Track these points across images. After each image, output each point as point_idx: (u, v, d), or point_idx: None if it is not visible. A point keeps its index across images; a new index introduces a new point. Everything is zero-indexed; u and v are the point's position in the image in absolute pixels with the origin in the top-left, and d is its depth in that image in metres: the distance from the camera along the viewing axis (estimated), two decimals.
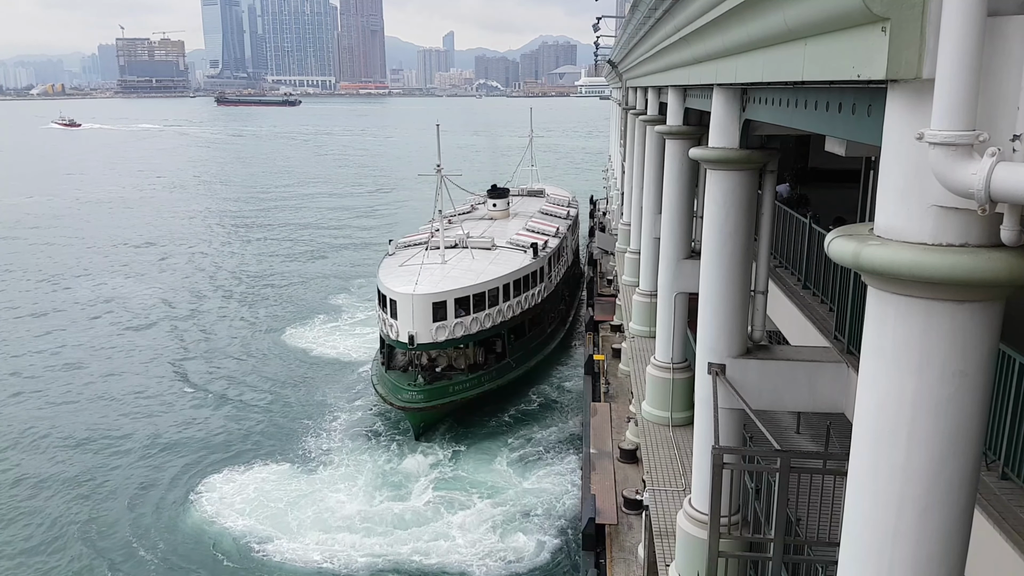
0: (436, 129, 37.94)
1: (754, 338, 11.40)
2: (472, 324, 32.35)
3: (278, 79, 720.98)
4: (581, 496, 23.31)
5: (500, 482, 28.54)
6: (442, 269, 34.09)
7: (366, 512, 26.54)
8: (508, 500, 27.17)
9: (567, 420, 33.68)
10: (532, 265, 36.47)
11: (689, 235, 18.79)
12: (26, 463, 30.58)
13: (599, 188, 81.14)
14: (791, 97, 7.91)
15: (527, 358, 35.93)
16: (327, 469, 29.62)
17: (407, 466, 29.59)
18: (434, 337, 31.33)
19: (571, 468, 29.07)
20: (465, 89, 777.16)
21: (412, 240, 40.00)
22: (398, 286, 31.72)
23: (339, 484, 28.50)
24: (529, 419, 33.72)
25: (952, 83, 4.07)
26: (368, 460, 30.21)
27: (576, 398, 35.29)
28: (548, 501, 27.01)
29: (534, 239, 38.96)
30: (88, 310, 51.46)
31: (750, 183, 10.86)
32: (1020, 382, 7.01)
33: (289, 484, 28.45)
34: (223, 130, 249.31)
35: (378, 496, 27.59)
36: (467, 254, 36.39)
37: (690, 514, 12.31)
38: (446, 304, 31.39)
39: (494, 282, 33.61)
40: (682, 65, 13.60)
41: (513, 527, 25.55)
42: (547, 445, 31.34)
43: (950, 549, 5.09)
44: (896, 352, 4.90)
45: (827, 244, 5.23)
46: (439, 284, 32.10)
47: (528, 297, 36.02)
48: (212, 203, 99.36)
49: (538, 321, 37.75)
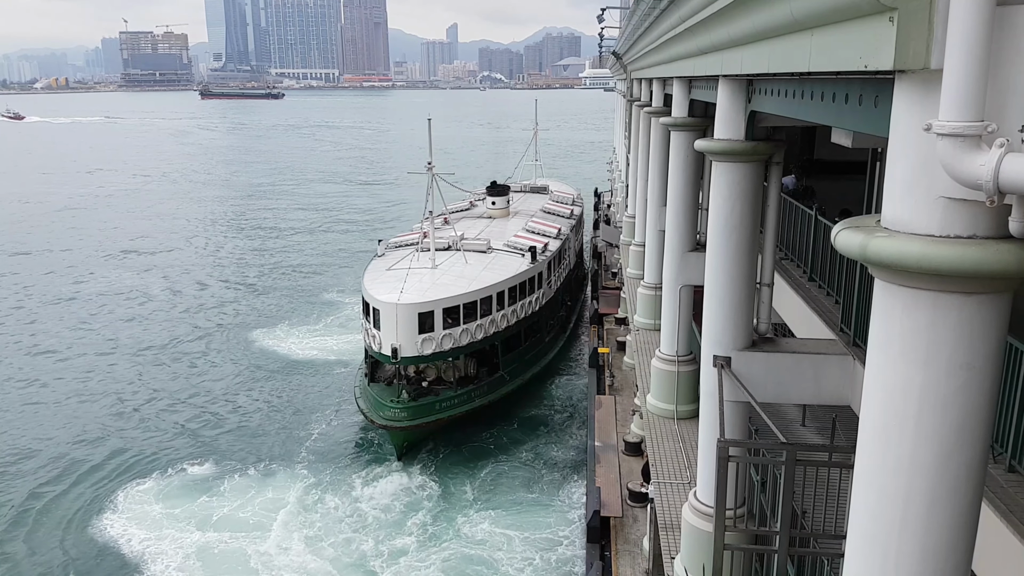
0: (428, 124, 35.71)
1: (759, 331, 11.37)
2: (462, 336, 30.09)
3: (281, 72, 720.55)
4: (586, 489, 23.30)
5: (490, 515, 25.69)
6: (431, 275, 31.82)
7: (321, 555, 23.55)
8: (498, 538, 24.42)
9: (565, 440, 30.91)
10: (530, 271, 34.20)
11: (694, 227, 18.74)
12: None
13: (603, 182, 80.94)
14: (797, 88, 7.87)
15: (523, 370, 33.64)
16: (277, 495, 26.60)
17: (381, 493, 26.79)
18: (420, 350, 28.98)
19: (571, 508, 25.87)
20: (469, 81, 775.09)
21: (403, 240, 37.88)
22: (382, 294, 29.49)
23: (286, 517, 25.35)
24: (525, 438, 31.11)
25: (960, 73, 4.03)
26: (335, 485, 27.32)
27: (576, 412, 33.16)
28: (544, 540, 24.26)
29: (533, 241, 36.84)
30: (50, 309, 49.19)
31: (756, 175, 10.81)
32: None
33: (222, 512, 25.60)
34: (160, 122, 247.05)
35: (336, 535, 24.53)
36: (460, 258, 34.26)
37: (695, 507, 12.32)
38: (433, 314, 29.11)
39: (487, 290, 31.30)
40: (687, 56, 13.53)
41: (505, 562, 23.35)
42: (544, 466, 28.82)
43: (957, 542, 5.07)
44: (903, 344, 4.87)
45: (834, 236, 5.20)
46: (426, 292, 29.84)
47: (524, 305, 33.76)
48: (102, 195, 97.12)
49: (536, 330, 35.51)
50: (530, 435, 31.35)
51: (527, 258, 34.78)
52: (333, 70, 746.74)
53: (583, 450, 28.80)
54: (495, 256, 35.22)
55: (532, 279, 34.45)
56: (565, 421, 32.81)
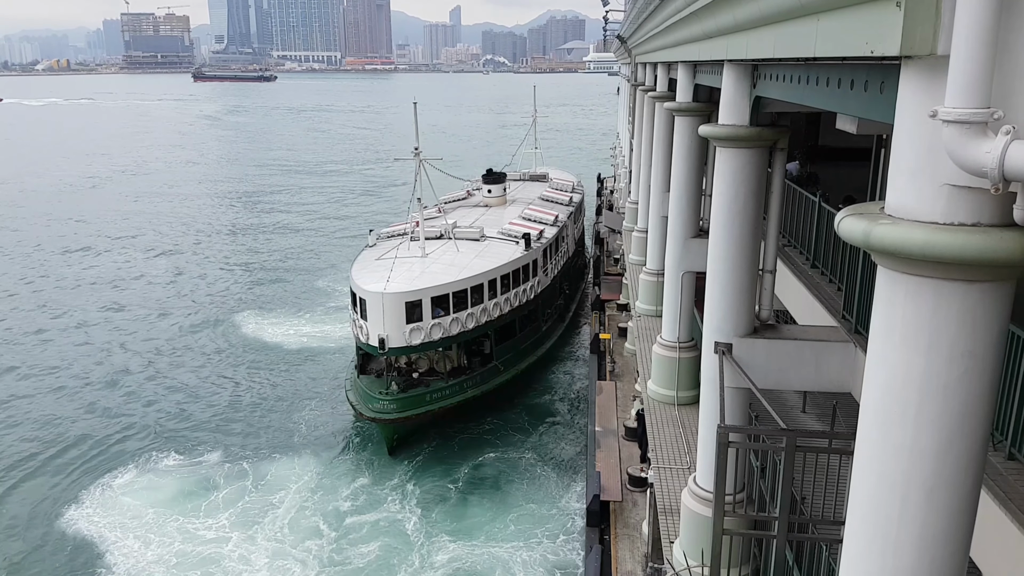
0: (414, 108, 33.85)
1: (761, 317, 11.37)
2: (452, 325, 29.19)
3: (283, 54, 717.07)
4: (586, 473, 23.40)
5: (488, 513, 25.13)
6: (421, 264, 30.89)
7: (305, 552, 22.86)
8: (494, 534, 23.89)
9: (565, 428, 30.59)
10: (524, 258, 33.27)
11: (697, 214, 18.69)
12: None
13: (607, 169, 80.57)
14: (803, 74, 7.82)
15: (517, 360, 32.84)
16: (261, 493, 25.88)
17: (370, 488, 26.09)
18: (408, 340, 28.11)
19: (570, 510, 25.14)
20: (472, 65, 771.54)
21: (395, 230, 36.79)
22: (368, 283, 28.65)
23: (270, 516, 24.48)
24: (525, 425, 30.73)
25: (967, 60, 4.01)
26: (323, 478, 26.66)
27: (576, 400, 32.99)
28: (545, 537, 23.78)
29: (528, 229, 35.80)
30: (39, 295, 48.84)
31: (760, 161, 10.78)
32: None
33: (202, 509, 24.97)
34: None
35: (323, 529, 23.93)
36: (452, 246, 33.28)
37: (695, 492, 12.38)
38: (421, 304, 28.31)
39: (478, 278, 30.41)
40: (692, 41, 13.45)
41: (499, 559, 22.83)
42: (544, 453, 28.53)
43: (956, 529, 5.10)
44: (905, 332, 4.87)
45: (837, 223, 5.19)
46: (414, 281, 29.00)
47: (518, 294, 32.85)
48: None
49: (531, 319, 34.58)
50: (530, 423, 31.19)
51: (521, 245, 33.92)
52: (335, 53, 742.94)
53: (583, 437, 28.85)
54: (488, 244, 34.34)
55: (526, 267, 33.54)
56: (564, 408, 32.67)
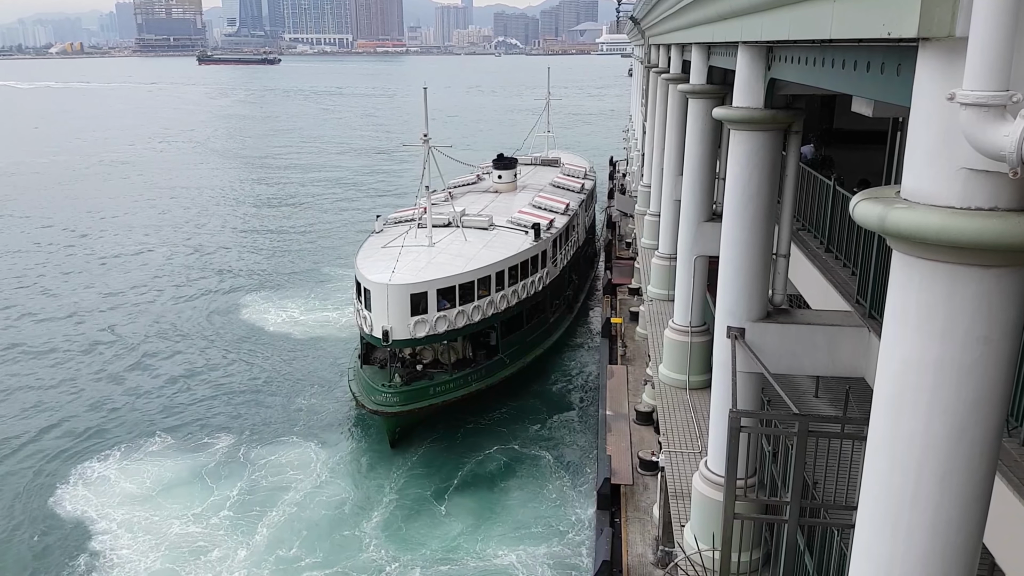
0: (423, 93, 32.98)
1: (774, 302, 11.32)
2: (458, 317, 28.52)
3: (295, 37, 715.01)
4: (597, 456, 23.46)
5: (489, 512, 24.47)
6: (428, 254, 30.08)
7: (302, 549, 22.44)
8: (497, 535, 23.29)
9: (575, 413, 30.17)
10: (532, 249, 32.44)
11: (711, 197, 18.58)
12: None
13: (619, 152, 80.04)
14: (818, 56, 7.73)
15: (524, 353, 32.08)
16: (256, 484, 25.51)
17: (371, 481, 25.61)
18: (412, 332, 27.56)
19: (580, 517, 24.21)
20: (484, 47, 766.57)
21: (402, 216, 35.86)
22: (373, 273, 28.02)
23: (265, 509, 24.05)
24: (534, 411, 30.33)
25: (985, 42, 3.94)
26: (323, 470, 26.24)
27: (586, 386, 32.63)
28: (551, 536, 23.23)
29: (538, 218, 35.00)
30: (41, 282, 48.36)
31: (774, 144, 10.68)
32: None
33: (197, 500, 24.62)
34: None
35: (323, 523, 23.49)
36: (459, 235, 32.38)
37: (706, 476, 12.39)
38: (427, 295, 27.67)
39: (485, 270, 29.65)
40: (706, 22, 13.31)
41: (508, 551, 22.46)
42: (548, 451, 27.79)
43: (969, 515, 5.08)
44: (920, 317, 4.84)
45: (852, 207, 5.14)
46: (420, 272, 28.29)
47: (526, 285, 32.02)
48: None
49: (538, 311, 33.70)
50: (537, 412, 30.72)
51: (530, 236, 33.20)
52: (347, 35, 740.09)
53: (589, 429, 28.82)
54: (497, 233, 33.65)
55: (535, 258, 32.85)
56: (574, 394, 32.51)
